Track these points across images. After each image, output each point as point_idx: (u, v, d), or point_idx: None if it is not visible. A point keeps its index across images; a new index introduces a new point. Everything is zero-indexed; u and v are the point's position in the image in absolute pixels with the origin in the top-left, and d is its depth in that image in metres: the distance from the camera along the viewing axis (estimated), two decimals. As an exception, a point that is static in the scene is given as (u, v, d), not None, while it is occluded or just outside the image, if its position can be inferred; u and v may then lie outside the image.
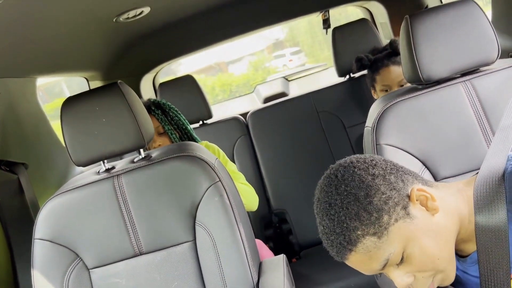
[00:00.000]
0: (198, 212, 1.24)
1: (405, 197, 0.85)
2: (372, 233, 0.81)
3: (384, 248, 0.82)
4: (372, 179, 0.85)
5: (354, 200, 0.83)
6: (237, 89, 9.46)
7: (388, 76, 1.88)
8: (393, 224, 0.82)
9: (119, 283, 1.27)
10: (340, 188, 0.85)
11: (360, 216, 0.82)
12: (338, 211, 0.83)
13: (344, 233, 0.82)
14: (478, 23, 1.21)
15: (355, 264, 0.86)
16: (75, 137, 1.25)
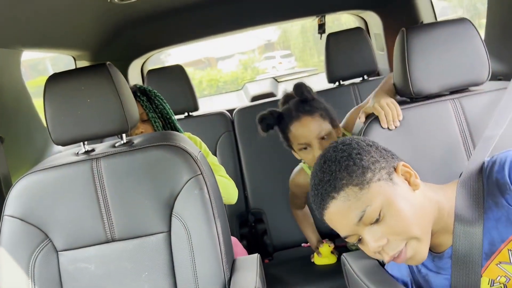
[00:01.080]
0: (176, 204, 1.22)
1: (391, 167, 0.93)
2: (355, 183, 0.89)
3: (363, 200, 0.88)
4: (366, 146, 0.95)
5: (347, 156, 0.92)
6: (225, 85, 9.44)
7: (302, 131, 1.46)
8: (375, 181, 0.89)
9: (87, 268, 1.24)
10: (337, 148, 0.95)
11: (348, 168, 0.90)
12: (330, 164, 0.93)
13: (331, 181, 0.90)
14: (472, 43, 1.22)
15: (334, 215, 0.91)
16: (57, 115, 1.21)
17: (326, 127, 1.47)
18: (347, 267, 1.22)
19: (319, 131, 1.45)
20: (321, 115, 1.47)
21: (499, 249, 0.92)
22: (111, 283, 1.23)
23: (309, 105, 1.48)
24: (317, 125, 1.46)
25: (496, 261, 0.92)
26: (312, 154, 1.45)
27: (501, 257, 0.92)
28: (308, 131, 1.45)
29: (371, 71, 2.28)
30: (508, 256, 0.91)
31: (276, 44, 12.00)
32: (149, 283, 1.22)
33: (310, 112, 1.46)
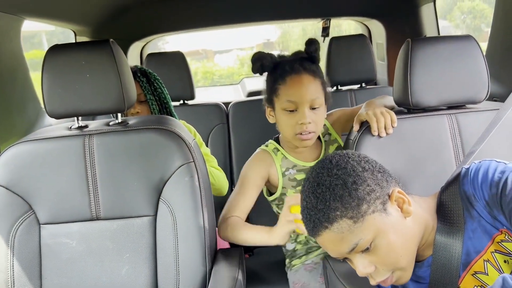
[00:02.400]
0: (165, 189, 1.22)
1: (386, 194, 0.92)
2: (349, 216, 0.88)
3: (357, 233, 0.88)
4: (362, 171, 0.92)
5: (342, 184, 0.89)
6: (220, 79, 9.40)
7: (299, 88, 1.30)
8: (370, 214, 0.89)
9: (68, 244, 1.23)
10: (331, 171, 0.92)
11: (343, 199, 0.88)
12: (324, 191, 0.90)
13: (325, 210, 0.89)
14: (475, 61, 1.23)
15: (326, 242, 0.92)
16: (54, 86, 1.20)
17: (321, 97, 1.33)
18: (328, 270, 1.22)
19: (316, 96, 1.30)
20: (321, 83, 1.34)
21: (475, 259, 0.94)
22: (91, 260, 1.22)
23: (314, 66, 1.35)
24: (315, 89, 1.31)
25: (471, 272, 0.94)
26: (296, 118, 1.30)
27: (477, 267, 0.94)
28: (305, 90, 1.29)
29: (370, 80, 2.30)
30: (483, 266, 0.93)
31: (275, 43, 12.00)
32: (129, 265, 1.21)
33: (313, 73, 1.32)
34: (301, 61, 1.34)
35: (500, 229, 0.92)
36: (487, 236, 0.93)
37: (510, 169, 0.91)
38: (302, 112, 1.30)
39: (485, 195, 0.92)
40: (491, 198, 0.91)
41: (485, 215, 0.93)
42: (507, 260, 0.92)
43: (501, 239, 0.92)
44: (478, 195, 0.93)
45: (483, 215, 0.93)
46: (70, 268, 1.22)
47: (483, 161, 0.97)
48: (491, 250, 0.93)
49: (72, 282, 1.22)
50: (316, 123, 1.33)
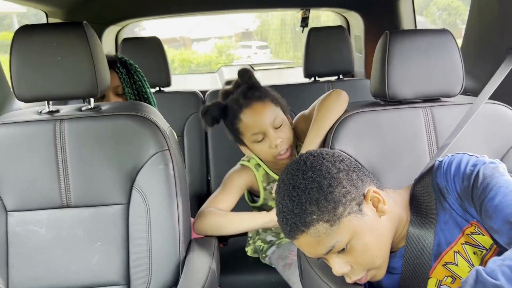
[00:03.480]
0: (139, 177, 1.19)
1: (361, 195, 0.93)
2: (326, 220, 0.88)
3: (333, 236, 0.89)
4: (337, 173, 0.91)
5: (317, 187, 0.89)
6: (197, 68, 9.32)
7: (255, 119, 1.32)
8: (346, 216, 0.89)
9: (37, 232, 1.19)
10: (306, 174, 0.91)
11: (319, 202, 0.88)
12: (300, 194, 0.89)
13: (301, 214, 0.88)
14: (450, 55, 1.25)
15: (303, 245, 0.92)
16: (23, 69, 1.15)
17: (279, 114, 1.36)
18: (302, 260, 1.23)
19: (274, 117, 1.33)
20: (272, 101, 1.37)
21: (446, 250, 0.96)
22: (61, 249, 1.19)
23: (258, 91, 1.36)
24: (270, 111, 1.34)
25: (442, 262, 0.96)
26: (268, 143, 1.34)
27: (447, 258, 0.96)
28: (261, 118, 1.32)
29: (347, 72, 2.31)
30: (453, 257, 0.95)
31: (253, 33, 11.95)
32: (101, 254, 1.19)
33: (261, 98, 1.34)
34: (245, 93, 1.36)
35: (470, 222, 0.94)
36: (458, 228, 0.95)
37: (482, 162, 0.92)
38: (269, 137, 1.34)
39: (457, 188, 0.94)
40: (462, 191, 0.92)
41: (457, 207, 0.95)
42: (476, 251, 0.94)
43: (471, 231, 0.94)
44: (450, 187, 0.95)
45: (454, 207, 0.95)
46: (39, 257, 1.18)
47: (456, 154, 0.98)
48: (462, 242, 0.95)
49: (41, 271, 1.18)
50: (287, 138, 1.36)
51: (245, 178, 1.45)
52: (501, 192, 0.85)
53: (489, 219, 0.86)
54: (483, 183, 0.88)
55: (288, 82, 2.32)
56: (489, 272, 0.73)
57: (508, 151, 1.22)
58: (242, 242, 1.90)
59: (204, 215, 1.35)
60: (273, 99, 1.38)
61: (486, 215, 0.87)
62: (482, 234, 0.93)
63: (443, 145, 1.14)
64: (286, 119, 1.39)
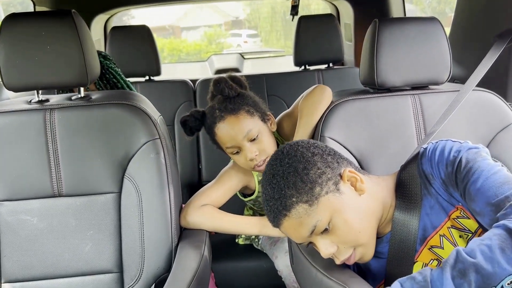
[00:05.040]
0: (130, 165, 1.20)
1: (337, 175, 0.96)
2: (304, 200, 0.91)
3: (313, 216, 0.92)
4: (311, 156, 0.96)
5: (294, 171, 0.93)
6: (187, 57, 9.26)
7: (228, 133, 1.28)
8: (323, 195, 0.92)
9: (29, 221, 1.19)
10: (283, 161, 0.96)
11: (296, 185, 0.92)
12: (279, 180, 0.94)
13: (281, 199, 0.92)
14: (439, 43, 1.26)
15: (287, 229, 0.95)
16: (12, 57, 1.14)
17: (254, 125, 1.29)
18: (293, 245, 1.25)
19: (247, 131, 1.28)
20: (247, 112, 1.30)
21: (431, 235, 0.98)
22: (53, 238, 1.19)
23: (232, 103, 1.29)
24: (244, 124, 1.28)
25: (428, 246, 0.98)
26: (244, 157, 1.30)
27: (433, 241, 0.98)
28: (234, 133, 1.28)
29: (337, 60, 2.32)
30: (439, 241, 0.97)
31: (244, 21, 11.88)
32: (93, 242, 1.20)
33: (234, 111, 1.28)
34: (219, 104, 1.30)
35: (456, 206, 0.96)
36: (443, 213, 0.97)
37: (465, 148, 0.94)
38: (244, 150, 1.29)
39: (441, 174, 0.96)
40: (447, 176, 0.94)
41: (442, 192, 0.97)
42: (462, 235, 0.96)
43: (457, 215, 0.96)
44: (435, 173, 0.97)
45: (440, 192, 0.97)
46: (31, 246, 1.19)
47: (440, 141, 1.00)
48: (448, 226, 0.97)
49: (33, 260, 1.19)
50: (264, 150, 1.30)
51: (242, 177, 1.41)
52: (483, 175, 0.87)
53: (472, 202, 0.88)
54: (466, 168, 0.90)
55: (278, 71, 2.32)
56: (469, 251, 0.75)
57: (494, 137, 1.24)
58: (234, 230, 1.92)
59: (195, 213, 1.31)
60: (249, 109, 1.31)
61: (469, 198, 0.89)
62: (468, 217, 0.95)
63: (430, 132, 1.16)
64: (264, 128, 1.33)
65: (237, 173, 1.41)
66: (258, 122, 1.32)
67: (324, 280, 1.00)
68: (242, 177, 1.42)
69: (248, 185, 1.45)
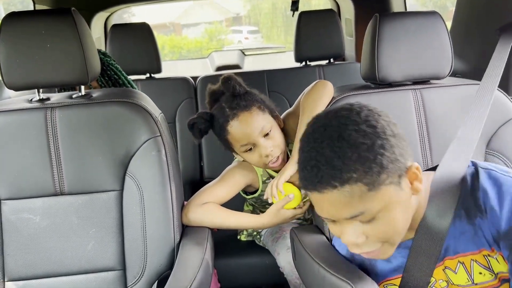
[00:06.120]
0: (131, 163, 1.20)
1: (405, 167, 0.82)
2: (366, 182, 0.77)
3: (366, 202, 0.79)
4: (391, 135, 0.80)
5: (369, 146, 0.77)
6: (188, 54, 9.25)
7: (243, 131, 1.28)
8: (387, 184, 0.79)
9: (31, 220, 1.20)
10: (359, 126, 0.78)
11: (365, 161, 0.77)
12: (345, 146, 0.77)
13: (341, 168, 0.77)
14: (440, 37, 1.26)
15: (325, 202, 0.81)
16: (12, 56, 1.14)
17: (267, 120, 1.31)
18: (295, 241, 1.25)
19: (262, 126, 1.28)
20: (259, 108, 1.31)
21: (451, 257, 0.91)
22: (56, 236, 1.19)
23: (244, 100, 1.30)
24: (257, 120, 1.28)
25: (443, 266, 0.92)
26: (258, 153, 1.30)
27: (450, 263, 0.91)
28: (249, 129, 1.27)
29: (338, 55, 2.31)
30: (456, 266, 0.91)
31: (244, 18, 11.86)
32: (96, 240, 1.20)
33: (247, 107, 1.28)
34: (230, 103, 1.30)
35: (492, 248, 0.87)
36: (474, 246, 0.88)
37: None
38: (259, 146, 1.29)
39: (501, 226, 0.83)
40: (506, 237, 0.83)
41: (487, 234, 0.86)
42: (482, 272, 0.89)
43: (488, 254, 0.88)
44: (492, 218, 0.85)
45: (485, 233, 0.87)
46: (34, 244, 1.19)
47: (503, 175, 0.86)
48: (472, 258, 0.89)
49: (36, 258, 1.19)
50: (277, 145, 1.31)
51: (246, 176, 1.41)
52: None
53: None
54: None
55: (279, 67, 2.31)
56: None
57: (496, 131, 1.24)
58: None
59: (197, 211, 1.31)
60: (260, 105, 1.32)
61: None
62: (498, 262, 0.87)
63: (463, 138, 1.02)
64: (274, 123, 1.34)
65: (241, 171, 1.41)
66: (269, 117, 1.34)
67: (327, 276, 1.00)
68: (246, 175, 1.41)
69: (251, 184, 1.44)
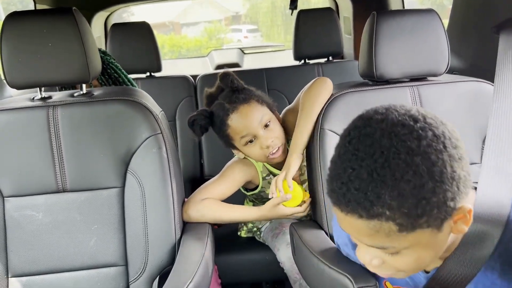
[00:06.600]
0: (133, 160, 1.21)
1: (452, 211, 0.66)
2: (398, 223, 0.64)
3: (392, 240, 0.67)
4: (450, 178, 0.64)
5: (416, 185, 0.62)
6: (188, 53, 9.26)
7: (243, 122, 1.31)
8: (423, 228, 0.65)
9: (34, 217, 1.21)
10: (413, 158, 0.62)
11: (405, 202, 0.62)
12: (388, 177, 0.62)
13: (373, 201, 0.63)
14: (436, 34, 1.27)
15: (346, 222, 0.69)
16: (14, 55, 1.16)
17: (266, 112, 1.35)
18: (295, 237, 1.26)
19: (261, 117, 1.32)
20: (257, 101, 1.35)
21: None
22: (58, 232, 1.21)
23: (242, 93, 1.34)
24: (257, 112, 1.32)
25: None
26: (259, 144, 1.33)
27: None
28: (249, 120, 1.31)
29: (337, 53, 2.32)
30: None
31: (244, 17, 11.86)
32: (98, 236, 1.22)
33: (245, 100, 1.33)
34: (229, 97, 1.34)
35: None
36: None
37: None
38: (259, 137, 1.32)
39: None
40: None
41: None
42: None
43: None
44: None
45: None
46: (37, 241, 1.21)
47: None
48: None
49: (39, 254, 1.21)
50: (277, 136, 1.34)
51: (246, 172, 1.43)
52: None
53: None
54: None
55: (278, 65, 2.32)
56: None
57: (492, 127, 1.25)
58: (235, 224, 1.94)
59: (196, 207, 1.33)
60: (258, 98, 1.36)
61: None
62: None
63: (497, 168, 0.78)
64: (273, 116, 1.38)
65: (241, 167, 1.43)
66: (268, 110, 1.37)
67: (326, 270, 1.02)
68: (246, 171, 1.44)
69: (251, 180, 1.46)
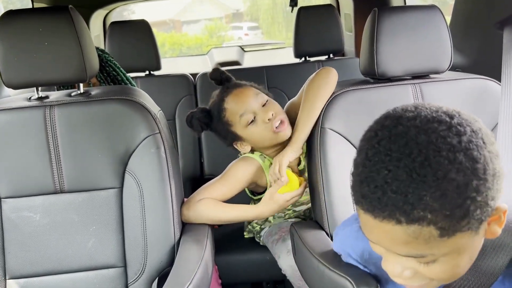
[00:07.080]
0: (131, 160, 1.20)
1: (490, 212, 0.63)
2: (439, 226, 0.59)
3: (431, 247, 0.62)
4: (492, 175, 0.60)
5: (461, 184, 0.58)
6: (188, 50, 9.24)
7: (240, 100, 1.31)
8: (463, 231, 0.61)
9: (32, 218, 1.20)
10: (456, 154, 0.58)
11: (449, 203, 0.58)
12: (430, 177, 0.57)
13: (414, 203, 0.58)
14: (439, 31, 1.25)
15: (381, 231, 0.62)
16: (10, 54, 1.14)
17: (262, 94, 1.34)
18: (295, 237, 1.25)
19: (256, 93, 1.32)
20: (252, 86, 1.37)
21: None
22: (56, 234, 1.20)
23: (235, 82, 1.38)
24: (252, 92, 1.33)
25: None
26: (261, 119, 1.29)
27: None
28: (245, 97, 1.31)
29: (338, 50, 2.31)
30: None
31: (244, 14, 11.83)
32: (96, 237, 1.20)
33: (240, 86, 1.35)
34: (222, 88, 1.38)
35: None
36: None
37: None
38: (259, 113, 1.30)
39: None
40: None
41: None
42: None
43: None
44: None
45: None
46: (34, 242, 1.19)
47: None
48: None
49: (37, 256, 1.20)
50: (277, 112, 1.31)
51: (250, 172, 1.37)
52: None
53: None
54: None
55: (279, 63, 2.31)
56: None
57: (496, 126, 1.23)
58: (236, 223, 1.92)
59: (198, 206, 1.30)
60: (252, 85, 1.38)
61: None
62: None
63: None
64: (270, 99, 1.35)
65: (245, 166, 1.38)
66: (264, 95, 1.36)
67: (326, 272, 1.01)
68: (250, 170, 1.37)
69: (258, 183, 1.41)
